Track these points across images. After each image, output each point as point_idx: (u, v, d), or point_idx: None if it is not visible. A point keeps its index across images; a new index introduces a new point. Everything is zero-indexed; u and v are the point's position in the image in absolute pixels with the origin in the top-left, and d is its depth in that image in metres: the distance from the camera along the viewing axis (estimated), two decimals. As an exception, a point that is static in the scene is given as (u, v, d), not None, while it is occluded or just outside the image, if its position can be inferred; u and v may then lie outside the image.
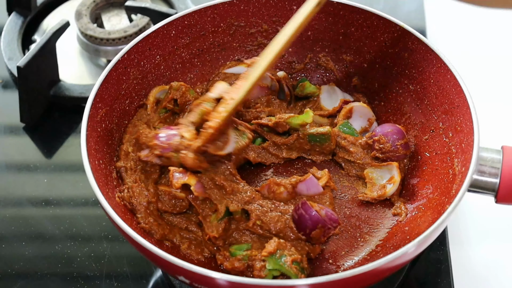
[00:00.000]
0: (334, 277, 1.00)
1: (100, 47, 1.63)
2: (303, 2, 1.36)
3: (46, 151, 1.51)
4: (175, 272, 1.06)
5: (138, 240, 1.05)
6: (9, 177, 1.47)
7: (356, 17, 1.35)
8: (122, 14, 1.68)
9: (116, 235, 1.35)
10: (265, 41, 1.42)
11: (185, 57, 1.39)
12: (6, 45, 1.64)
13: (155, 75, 1.35)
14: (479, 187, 1.14)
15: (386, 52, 1.35)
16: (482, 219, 1.39)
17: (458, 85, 1.21)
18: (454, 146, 1.21)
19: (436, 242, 1.29)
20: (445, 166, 1.22)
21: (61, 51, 1.58)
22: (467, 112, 1.18)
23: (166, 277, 1.29)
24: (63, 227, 1.37)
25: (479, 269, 1.32)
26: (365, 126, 1.35)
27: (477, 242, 1.36)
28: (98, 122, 1.22)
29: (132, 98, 1.32)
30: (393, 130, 1.29)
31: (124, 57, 1.28)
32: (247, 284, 1.01)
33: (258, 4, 1.38)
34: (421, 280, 1.28)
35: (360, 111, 1.35)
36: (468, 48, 1.72)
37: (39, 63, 1.50)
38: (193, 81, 1.41)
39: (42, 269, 1.31)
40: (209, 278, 1.01)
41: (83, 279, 1.29)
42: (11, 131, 1.54)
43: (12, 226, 1.38)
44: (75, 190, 1.43)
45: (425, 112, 1.30)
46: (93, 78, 1.62)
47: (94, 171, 1.13)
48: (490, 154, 1.14)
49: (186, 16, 1.35)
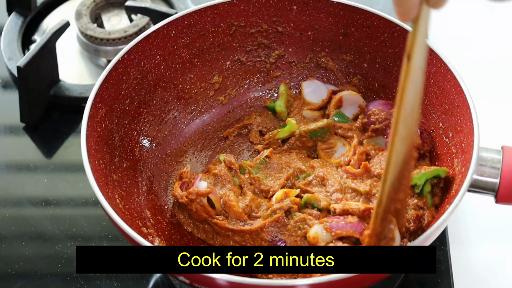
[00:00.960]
0: (334, 277, 1.00)
1: (100, 47, 1.63)
2: (303, 2, 1.36)
3: (46, 151, 1.51)
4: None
5: (138, 240, 1.05)
6: (9, 177, 1.47)
7: (356, 17, 1.35)
8: (122, 14, 1.68)
9: (116, 235, 1.35)
10: (265, 41, 1.42)
11: (185, 57, 1.39)
12: (6, 45, 1.64)
13: (155, 75, 1.35)
14: (479, 187, 1.14)
15: (386, 52, 1.35)
16: (482, 219, 1.39)
17: (458, 85, 1.21)
18: (454, 146, 1.21)
19: (436, 242, 1.29)
20: (445, 166, 1.22)
21: (61, 51, 1.58)
22: (467, 112, 1.18)
23: (166, 277, 1.29)
24: (63, 227, 1.37)
25: (479, 269, 1.32)
26: (357, 112, 1.36)
27: (477, 242, 1.36)
28: (98, 122, 1.22)
29: (132, 98, 1.32)
30: (385, 102, 1.33)
31: (124, 57, 1.28)
32: (247, 284, 1.01)
33: (258, 4, 1.38)
34: (421, 280, 1.28)
35: (350, 99, 1.36)
36: (468, 48, 1.71)
37: (39, 63, 1.50)
38: (193, 81, 1.41)
39: (42, 269, 1.31)
40: (209, 278, 1.01)
41: (83, 279, 1.29)
42: (11, 131, 1.54)
43: (12, 226, 1.38)
44: (75, 190, 1.43)
45: (425, 112, 1.30)
46: (93, 78, 1.62)
47: (94, 171, 1.13)
48: (490, 154, 1.14)
49: (186, 16, 1.35)
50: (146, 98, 1.35)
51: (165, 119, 1.38)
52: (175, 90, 1.39)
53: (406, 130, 0.98)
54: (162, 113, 1.38)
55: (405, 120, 0.97)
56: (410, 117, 0.98)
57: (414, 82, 0.95)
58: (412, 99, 0.96)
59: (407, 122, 0.98)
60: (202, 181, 1.24)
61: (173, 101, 1.39)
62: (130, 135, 1.31)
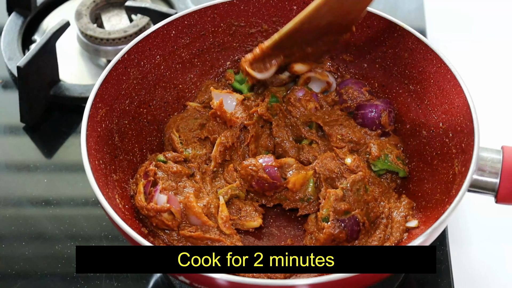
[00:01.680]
0: (334, 277, 1.00)
1: (100, 47, 1.63)
2: (303, 2, 1.36)
3: (46, 151, 1.51)
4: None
5: (138, 240, 1.05)
6: (9, 177, 1.47)
7: (356, 17, 1.35)
8: (122, 14, 1.68)
9: (116, 235, 1.35)
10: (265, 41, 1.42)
11: (185, 57, 1.39)
12: (6, 45, 1.64)
13: (155, 75, 1.35)
14: (479, 187, 1.14)
15: (386, 52, 1.35)
16: (482, 219, 1.39)
17: (458, 85, 1.21)
18: (454, 146, 1.21)
19: (436, 242, 1.29)
20: (445, 166, 1.22)
21: (61, 51, 1.58)
22: (467, 112, 1.18)
23: (166, 277, 1.29)
24: (63, 227, 1.37)
25: (479, 269, 1.32)
26: (324, 87, 1.39)
27: (477, 242, 1.36)
28: (98, 122, 1.22)
29: (132, 98, 1.32)
30: (355, 81, 1.37)
31: (124, 57, 1.28)
32: (247, 284, 1.01)
33: (258, 4, 1.38)
34: (421, 280, 1.28)
35: (317, 78, 1.39)
36: (468, 48, 1.71)
37: (39, 63, 1.50)
38: (193, 81, 1.41)
39: (42, 269, 1.31)
40: (209, 278, 1.01)
41: (83, 279, 1.29)
42: (11, 131, 1.54)
43: (12, 226, 1.38)
44: (75, 190, 1.43)
45: (425, 112, 1.30)
46: (93, 78, 1.62)
47: (94, 171, 1.13)
48: (490, 154, 1.14)
49: (186, 16, 1.35)
50: (146, 98, 1.35)
51: (165, 119, 1.38)
52: (175, 90, 1.39)
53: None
54: (162, 113, 1.38)
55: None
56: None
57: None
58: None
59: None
60: (161, 195, 1.22)
61: (173, 101, 1.39)
62: (130, 135, 1.31)
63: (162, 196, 1.21)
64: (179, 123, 1.34)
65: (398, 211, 1.21)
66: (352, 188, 1.21)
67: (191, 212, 1.20)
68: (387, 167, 1.27)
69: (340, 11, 1.21)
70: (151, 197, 1.21)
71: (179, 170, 1.26)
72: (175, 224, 1.20)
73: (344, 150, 1.28)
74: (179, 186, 1.24)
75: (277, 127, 1.32)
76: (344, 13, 1.22)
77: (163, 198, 1.20)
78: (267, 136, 1.33)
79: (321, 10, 1.19)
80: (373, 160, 1.27)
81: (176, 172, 1.26)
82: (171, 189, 1.23)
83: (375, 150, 1.27)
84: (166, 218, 1.19)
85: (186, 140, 1.32)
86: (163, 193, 1.21)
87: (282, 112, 1.33)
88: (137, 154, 1.31)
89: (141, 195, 1.21)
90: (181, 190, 1.24)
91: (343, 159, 1.26)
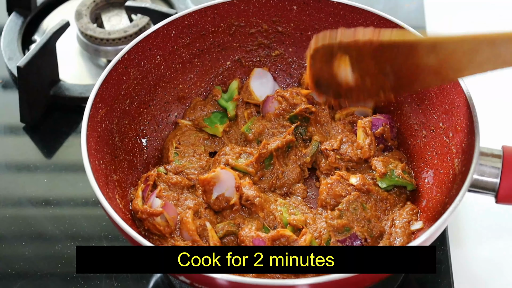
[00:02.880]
0: (334, 277, 1.00)
1: (100, 47, 1.63)
2: (303, 2, 1.36)
3: (46, 151, 1.51)
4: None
5: (138, 240, 1.05)
6: (9, 177, 1.47)
7: (356, 17, 1.35)
8: (122, 14, 1.68)
9: (116, 235, 1.35)
10: (265, 41, 1.42)
11: (185, 57, 1.39)
12: (6, 45, 1.64)
13: (155, 75, 1.35)
14: (480, 187, 1.14)
15: (386, 52, 1.35)
16: (482, 219, 1.39)
17: (458, 85, 1.21)
18: (454, 146, 1.21)
19: (436, 242, 1.29)
20: (446, 166, 1.22)
21: (61, 51, 1.58)
22: (467, 112, 1.18)
23: (166, 277, 1.29)
24: (63, 227, 1.37)
25: (479, 269, 1.32)
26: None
27: (477, 242, 1.36)
28: (98, 122, 1.22)
29: (132, 98, 1.32)
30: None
31: (124, 57, 1.28)
32: (247, 284, 1.01)
33: (258, 4, 1.38)
34: (421, 280, 1.28)
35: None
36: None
37: (39, 63, 1.50)
38: (193, 81, 1.41)
39: (42, 269, 1.31)
40: (209, 278, 1.01)
41: (83, 279, 1.29)
42: (11, 131, 1.54)
43: (12, 226, 1.38)
44: (75, 190, 1.43)
45: (425, 112, 1.30)
46: (93, 78, 1.62)
47: (94, 171, 1.13)
48: (490, 154, 1.14)
49: (186, 16, 1.35)
50: (146, 98, 1.35)
51: (165, 119, 1.38)
52: (175, 90, 1.39)
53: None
54: (162, 113, 1.38)
55: None
56: None
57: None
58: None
59: None
60: (157, 199, 1.21)
61: (173, 101, 1.39)
62: (130, 135, 1.31)
63: (157, 200, 1.20)
64: (180, 137, 1.35)
65: (401, 218, 1.21)
66: (348, 208, 1.20)
67: (185, 228, 1.20)
68: (395, 182, 1.25)
69: (418, 67, 1.07)
70: (147, 200, 1.21)
71: (178, 181, 1.26)
72: (168, 231, 1.19)
73: (343, 171, 1.28)
74: (180, 198, 1.24)
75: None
76: (419, 70, 1.08)
77: (158, 202, 1.20)
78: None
79: (421, 48, 1.05)
80: (380, 177, 1.25)
81: (176, 183, 1.26)
82: (172, 199, 1.23)
83: (380, 167, 1.25)
84: (158, 223, 1.18)
85: (184, 152, 1.32)
86: (162, 199, 1.21)
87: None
88: (137, 154, 1.31)
89: (138, 199, 1.21)
90: (182, 202, 1.24)
91: (347, 179, 1.25)
